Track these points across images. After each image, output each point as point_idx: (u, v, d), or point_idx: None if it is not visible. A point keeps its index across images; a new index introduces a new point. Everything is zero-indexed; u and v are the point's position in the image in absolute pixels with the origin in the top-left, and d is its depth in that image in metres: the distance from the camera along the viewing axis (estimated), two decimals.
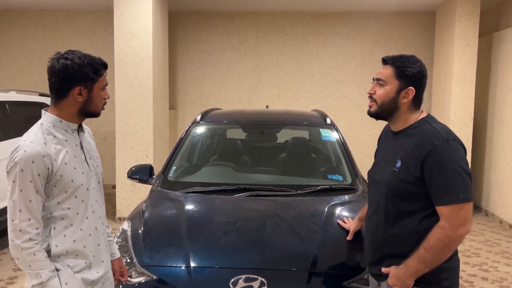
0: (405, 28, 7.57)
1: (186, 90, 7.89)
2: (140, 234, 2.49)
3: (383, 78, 1.84)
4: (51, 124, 1.69)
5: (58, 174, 1.65)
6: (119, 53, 5.80)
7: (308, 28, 7.69)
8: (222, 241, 2.43)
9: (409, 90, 1.81)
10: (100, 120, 7.75)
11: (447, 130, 1.78)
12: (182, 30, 7.79)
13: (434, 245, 1.69)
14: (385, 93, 1.83)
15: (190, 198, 2.88)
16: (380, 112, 1.87)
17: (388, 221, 1.84)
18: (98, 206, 1.83)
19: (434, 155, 1.69)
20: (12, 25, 7.81)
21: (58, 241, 1.68)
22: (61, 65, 1.65)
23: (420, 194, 1.75)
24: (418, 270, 1.73)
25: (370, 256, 1.99)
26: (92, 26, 7.74)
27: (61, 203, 1.68)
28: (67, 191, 1.68)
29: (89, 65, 1.67)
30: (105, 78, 1.76)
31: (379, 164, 1.98)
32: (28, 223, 1.59)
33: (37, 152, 1.59)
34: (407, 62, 1.81)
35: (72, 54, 1.68)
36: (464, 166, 1.70)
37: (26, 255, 1.58)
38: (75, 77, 1.65)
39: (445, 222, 1.68)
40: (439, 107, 6.88)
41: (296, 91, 7.78)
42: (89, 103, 1.72)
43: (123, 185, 5.94)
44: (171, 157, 3.35)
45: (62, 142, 1.70)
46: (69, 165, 1.69)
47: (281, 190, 2.94)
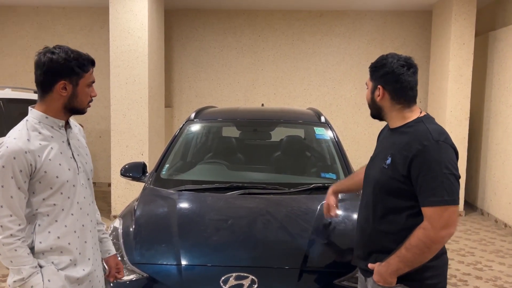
0: (401, 27, 7.57)
1: (182, 88, 7.87)
2: (131, 232, 2.48)
3: (366, 83, 1.97)
4: (36, 120, 1.69)
5: (42, 170, 1.64)
6: (115, 50, 5.77)
7: (305, 27, 7.67)
8: (213, 239, 2.42)
9: (378, 88, 1.87)
10: (96, 118, 7.74)
11: (440, 131, 1.77)
12: (178, 28, 7.77)
13: (414, 245, 1.69)
14: (367, 95, 1.96)
15: (182, 196, 2.87)
16: (373, 113, 1.97)
17: (376, 216, 1.86)
18: (86, 203, 1.81)
19: (422, 155, 1.69)
20: (7, 22, 7.77)
21: (42, 237, 1.67)
22: (46, 59, 1.65)
23: (408, 192, 1.75)
24: (399, 268, 1.74)
25: (357, 250, 2.00)
26: (88, 23, 7.71)
27: (46, 199, 1.67)
28: (52, 187, 1.67)
29: (74, 60, 1.67)
30: (91, 75, 1.75)
31: (373, 159, 1.99)
32: (9, 219, 1.59)
33: (19, 148, 1.59)
34: (375, 63, 1.90)
35: (59, 48, 1.67)
36: (452, 169, 1.69)
37: (7, 250, 1.59)
38: (60, 71, 1.65)
39: (428, 223, 1.69)
40: (435, 106, 6.88)
41: (293, 90, 7.78)
42: (73, 99, 1.71)
43: (118, 183, 5.93)
44: (164, 155, 3.34)
45: (47, 138, 1.68)
46: (54, 161, 1.67)
47: (273, 188, 2.94)
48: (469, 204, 6.96)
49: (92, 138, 7.84)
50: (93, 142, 7.84)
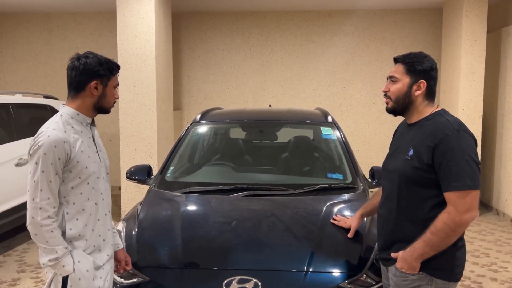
0: (411, 25, 7.46)
1: (191, 90, 7.88)
2: (134, 235, 2.46)
3: (396, 75, 1.96)
4: (69, 116, 1.88)
5: (75, 160, 1.82)
6: (122, 54, 5.80)
7: (313, 27, 7.62)
8: (216, 242, 2.39)
9: (421, 83, 1.92)
10: (106, 121, 7.79)
11: (459, 122, 1.87)
12: (186, 31, 7.78)
13: (440, 229, 1.77)
14: (398, 89, 1.95)
15: (186, 198, 2.84)
16: (397, 107, 1.98)
17: (400, 207, 1.93)
18: (106, 194, 2.01)
19: (445, 144, 1.78)
20: (19, 28, 7.87)
21: (72, 224, 1.84)
22: (82, 62, 1.86)
23: (431, 181, 1.83)
24: (424, 252, 1.81)
25: (380, 241, 2.06)
26: (98, 28, 7.77)
27: (75, 188, 1.84)
28: (81, 177, 1.85)
29: (105, 63, 1.89)
30: (117, 78, 1.97)
31: (392, 154, 2.07)
32: (47, 202, 1.76)
33: (59, 138, 1.78)
34: (415, 58, 1.94)
35: (91, 54, 1.90)
36: (473, 156, 1.79)
37: (45, 231, 1.75)
38: (94, 72, 1.86)
39: (452, 207, 1.77)
40: (447, 104, 6.76)
41: (302, 90, 7.72)
42: (102, 98, 1.91)
43: (127, 186, 5.94)
44: (169, 157, 3.32)
45: (78, 132, 1.87)
46: (84, 153, 1.86)
47: (279, 189, 2.89)
48: (484, 204, 6.80)
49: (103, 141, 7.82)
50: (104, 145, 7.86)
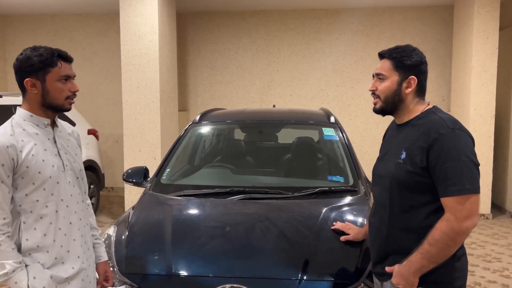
0: (421, 23, 7.28)
1: (197, 91, 7.81)
2: (124, 240, 2.38)
3: (383, 73, 1.80)
4: (21, 118, 1.72)
5: (24, 165, 1.65)
6: (126, 55, 5.75)
7: (321, 25, 7.49)
8: (207, 248, 2.29)
9: (411, 79, 1.77)
10: (113, 123, 7.77)
11: (453, 119, 1.72)
12: (192, 31, 7.71)
13: (438, 239, 1.61)
14: (387, 87, 1.79)
15: (179, 202, 2.75)
16: (386, 107, 1.83)
17: (393, 215, 1.77)
18: (73, 201, 1.80)
19: (439, 144, 1.63)
20: (25, 30, 7.90)
21: (28, 234, 1.67)
22: (15, 60, 1.69)
23: (426, 185, 1.67)
24: (423, 266, 1.64)
25: (373, 254, 1.89)
26: (103, 29, 7.76)
27: (29, 195, 1.68)
28: (34, 182, 1.68)
29: (37, 56, 1.66)
30: (63, 69, 1.70)
31: (382, 158, 1.90)
32: None
33: (1, 142, 1.62)
34: (403, 52, 1.78)
35: (29, 48, 1.69)
36: (471, 156, 1.63)
37: None
38: (24, 69, 1.67)
39: (450, 214, 1.60)
40: (458, 103, 6.58)
41: (309, 90, 7.60)
42: (46, 95, 1.70)
43: (131, 188, 5.88)
44: (166, 159, 3.24)
45: (31, 135, 1.70)
46: (37, 157, 1.68)
47: (276, 192, 2.79)
48: (496, 207, 6.60)
49: (109, 143, 7.87)
50: (110, 147, 7.87)
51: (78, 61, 7.75)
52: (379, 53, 1.86)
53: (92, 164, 6.11)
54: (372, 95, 1.86)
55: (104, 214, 6.41)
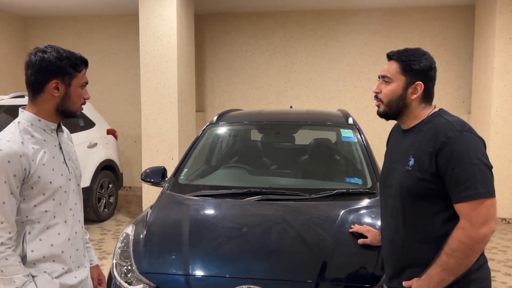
0: (442, 23, 7.17)
1: (214, 92, 7.85)
2: (142, 239, 2.40)
3: (389, 75, 1.73)
4: (28, 123, 1.61)
5: (36, 175, 1.57)
6: (145, 56, 5.81)
7: (339, 26, 7.44)
8: (224, 248, 2.30)
9: (417, 85, 1.70)
10: (131, 123, 7.86)
11: (461, 122, 1.65)
12: (210, 32, 7.75)
13: (456, 249, 1.53)
14: (391, 91, 1.72)
15: (197, 202, 2.77)
16: (389, 111, 1.75)
17: (407, 226, 1.69)
18: (78, 209, 1.75)
19: (448, 148, 1.56)
20: (48, 31, 8.07)
21: (34, 245, 1.59)
22: (38, 58, 1.58)
23: (438, 192, 1.60)
24: (443, 279, 1.56)
25: (388, 268, 1.82)
26: (123, 30, 7.86)
27: (38, 205, 1.60)
28: (45, 193, 1.60)
29: (67, 59, 1.60)
30: (84, 76, 1.67)
31: (390, 166, 1.82)
32: (0, 226, 1.51)
33: (13, 151, 1.51)
34: (412, 56, 1.70)
35: (51, 48, 1.61)
36: (483, 158, 1.55)
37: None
38: (52, 69, 1.58)
39: (465, 221, 1.53)
40: (479, 105, 6.45)
41: (327, 91, 7.56)
42: (66, 100, 1.63)
43: (149, 187, 5.94)
44: (184, 159, 3.26)
45: (40, 142, 1.61)
46: (47, 166, 1.60)
47: (293, 194, 2.78)
48: None
49: (127, 143, 7.97)
50: (128, 147, 7.97)
51: (98, 62, 7.89)
52: (387, 54, 1.79)
53: (111, 163, 6.20)
54: (375, 98, 1.79)
55: (121, 213, 6.49)
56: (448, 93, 7.20)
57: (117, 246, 2.46)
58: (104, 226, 5.84)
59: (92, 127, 6.01)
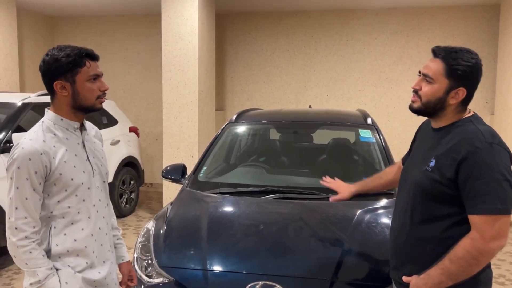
0: (465, 23, 7.06)
1: (234, 91, 7.92)
2: (162, 234, 2.48)
3: (431, 75, 1.65)
4: (52, 122, 1.67)
5: (57, 172, 1.62)
6: (166, 55, 5.91)
7: (359, 26, 7.41)
8: (241, 245, 2.35)
9: (460, 90, 1.63)
10: (152, 121, 8.00)
11: (492, 132, 1.61)
12: (230, 32, 7.82)
13: (461, 257, 1.54)
14: (432, 92, 1.66)
15: (215, 199, 2.83)
16: (424, 109, 1.71)
17: (413, 223, 1.72)
18: (102, 205, 1.79)
19: (473, 158, 1.53)
20: (73, 30, 8.27)
21: (58, 240, 1.65)
22: (42, 62, 1.63)
23: (452, 197, 1.60)
24: (441, 282, 1.59)
25: (391, 259, 1.87)
26: (146, 30, 8.00)
27: (61, 201, 1.65)
28: (67, 189, 1.65)
29: (65, 57, 1.59)
30: (91, 69, 1.65)
31: (412, 162, 1.84)
32: (24, 221, 1.57)
33: (34, 149, 1.57)
34: (460, 59, 1.60)
35: (54, 49, 1.63)
36: (506, 175, 1.52)
37: (22, 253, 1.57)
38: (52, 71, 1.60)
39: (476, 232, 1.53)
40: (503, 106, 6.34)
41: (346, 91, 7.53)
42: (76, 97, 1.64)
43: (170, 184, 6.04)
44: (203, 157, 3.33)
45: (62, 140, 1.66)
46: (69, 163, 1.65)
47: (310, 193, 2.81)
48: None
49: (149, 141, 8.11)
50: (150, 144, 8.11)
51: (121, 60, 8.05)
52: (433, 49, 1.68)
53: (133, 160, 6.34)
54: (414, 93, 1.72)
55: (142, 209, 6.62)
56: None
57: (138, 241, 2.54)
58: (126, 221, 5.98)
59: (115, 125, 6.15)
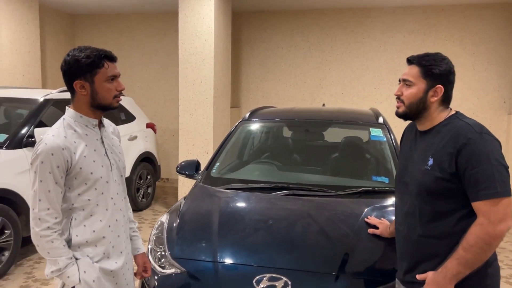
0: (482, 21, 6.99)
1: (249, 88, 8.00)
2: (175, 227, 2.58)
3: (410, 79, 1.82)
4: (72, 119, 1.77)
5: (77, 166, 1.72)
6: (183, 53, 6.03)
7: (376, 24, 7.40)
8: (250, 239, 2.43)
9: (438, 88, 1.79)
10: (169, 118, 8.15)
11: (479, 124, 1.74)
12: (246, 29, 7.90)
13: (473, 244, 1.62)
14: (413, 94, 1.81)
15: (227, 194, 2.92)
16: (409, 112, 1.85)
17: (423, 222, 1.78)
18: (119, 198, 1.89)
19: (468, 148, 1.65)
20: (93, 28, 8.46)
21: (78, 231, 1.76)
22: (63, 62, 1.73)
23: (456, 191, 1.69)
24: (459, 272, 1.65)
25: (403, 263, 1.91)
26: (163, 28, 8.13)
27: (81, 194, 1.75)
28: (86, 183, 1.75)
29: (85, 58, 1.68)
30: (109, 70, 1.74)
31: (407, 165, 1.90)
32: (47, 212, 1.67)
33: (56, 145, 1.67)
34: (433, 61, 1.78)
35: (75, 49, 1.73)
36: (500, 160, 1.65)
37: (45, 242, 1.68)
38: (73, 71, 1.70)
39: (484, 218, 1.62)
40: None
41: (362, 89, 7.54)
42: (95, 96, 1.74)
43: (185, 180, 6.17)
44: (216, 154, 3.42)
45: (82, 136, 1.76)
46: (88, 158, 1.75)
47: (319, 190, 2.88)
48: None
49: (166, 137, 8.27)
50: (167, 141, 8.26)
51: (139, 58, 8.21)
52: (408, 59, 1.87)
53: (150, 156, 6.49)
54: (397, 100, 1.87)
55: (158, 204, 6.78)
56: (489, 93, 7.02)
57: (152, 233, 2.65)
58: (142, 215, 6.13)
59: (133, 121, 6.31)
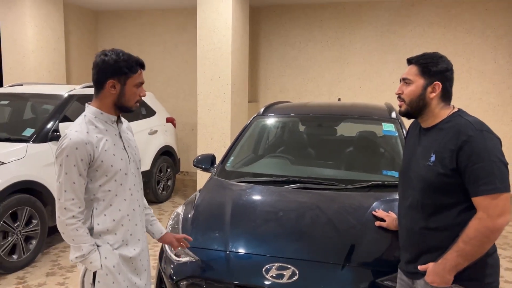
0: (505, 14, 6.86)
1: (267, 83, 8.07)
2: (190, 218, 2.70)
3: (409, 77, 1.91)
4: (93, 116, 1.91)
5: (99, 159, 1.86)
6: (201, 49, 6.14)
7: (395, 17, 7.35)
8: (261, 229, 2.54)
9: (436, 84, 1.86)
10: (189, 112, 8.30)
11: (480, 122, 1.79)
12: (265, 24, 7.96)
13: (473, 237, 1.69)
14: (412, 91, 1.89)
15: (240, 187, 3.02)
16: (411, 110, 1.93)
17: (425, 215, 1.85)
18: (136, 189, 2.02)
19: (469, 145, 1.71)
20: (115, 24, 8.67)
21: (99, 220, 1.90)
22: (100, 60, 1.86)
23: (457, 186, 1.76)
24: (458, 264, 1.73)
25: (405, 254, 2.00)
26: (183, 23, 8.27)
27: (102, 185, 1.89)
28: (107, 175, 1.89)
29: (123, 61, 1.84)
30: (139, 76, 1.91)
31: (411, 161, 1.98)
32: (71, 202, 1.81)
33: (80, 140, 1.81)
34: (430, 59, 1.87)
35: (112, 51, 1.88)
36: (500, 156, 1.71)
37: (70, 230, 1.82)
38: (110, 70, 1.84)
39: (483, 212, 1.69)
40: None
41: (381, 83, 7.52)
42: (122, 97, 1.89)
43: (203, 173, 6.29)
44: (231, 148, 3.53)
45: (102, 131, 1.90)
46: (109, 152, 1.89)
47: (330, 184, 2.95)
48: None
49: (186, 131, 8.43)
50: (187, 135, 8.43)
51: (160, 53, 8.38)
52: (407, 59, 1.96)
53: (169, 149, 6.65)
54: (398, 99, 1.96)
55: (178, 196, 6.95)
56: (510, 87, 6.90)
57: (169, 223, 2.79)
58: (162, 207, 6.32)
59: (153, 115, 6.48)
